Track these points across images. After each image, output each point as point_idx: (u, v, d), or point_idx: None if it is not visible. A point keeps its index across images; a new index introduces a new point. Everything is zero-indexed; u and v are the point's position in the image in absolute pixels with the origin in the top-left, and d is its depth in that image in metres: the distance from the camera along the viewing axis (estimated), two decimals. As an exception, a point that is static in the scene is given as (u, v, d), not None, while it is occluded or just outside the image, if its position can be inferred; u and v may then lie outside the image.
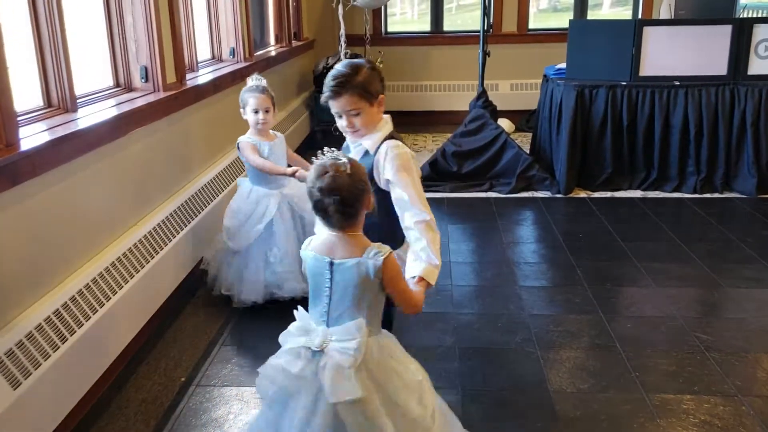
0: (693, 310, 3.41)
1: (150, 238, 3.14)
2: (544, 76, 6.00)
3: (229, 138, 4.48)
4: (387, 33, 8.30)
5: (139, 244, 3.04)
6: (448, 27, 8.52)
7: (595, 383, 2.77)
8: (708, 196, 5.17)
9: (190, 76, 4.11)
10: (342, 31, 5.86)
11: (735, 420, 2.51)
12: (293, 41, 7.01)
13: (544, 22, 8.94)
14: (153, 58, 3.47)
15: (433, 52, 8.14)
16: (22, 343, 2.19)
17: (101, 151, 2.83)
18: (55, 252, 2.51)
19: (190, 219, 3.57)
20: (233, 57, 5.09)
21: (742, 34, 5.18)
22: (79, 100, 2.94)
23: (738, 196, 5.16)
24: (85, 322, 2.51)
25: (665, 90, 5.21)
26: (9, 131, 2.24)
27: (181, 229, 3.44)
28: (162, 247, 3.22)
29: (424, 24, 8.56)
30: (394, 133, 2.29)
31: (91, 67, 3.32)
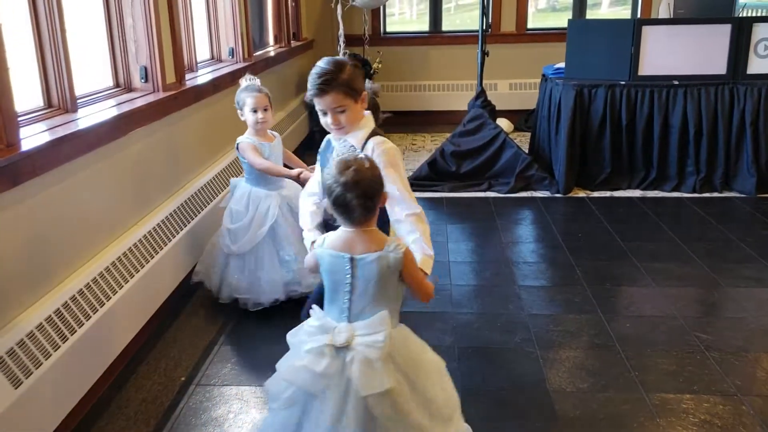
0: (692, 309, 3.42)
1: (150, 238, 3.14)
2: (543, 75, 6.00)
3: (229, 138, 4.47)
4: (386, 33, 8.30)
5: (139, 244, 3.05)
6: (447, 27, 8.52)
7: (595, 383, 2.77)
8: (707, 195, 5.18)
9: (189, 76, 4.11)
10: (341, 31, 5.87)
11: (735, 419, 2.52)
12: (292, 41, 7.01)
13: (543, 21, 8.94)
14: (152, 59, 3.47)
15: (432, 52, 8.14)
16: (23, 342, 2.20)
17: (101, 152, 2.84)
18: (56, 252, 2.52)
19: (189, 219, 3.57)
20: (232, 57, 5.09)
21: (742, 34, 5.18)
22: (79, 101, 2.94)
23: (737, 195, 5.16)
24: (85, 322, 2.51)
25: (664, 89, 5.22)
26: (10, 131, 2.25)
27: (181, 229, 3.45)
28: (162, 246, 3.22)
29: (423, 24, 8.56)
30: (377, 129, 2.33)
31: (91, 68, 3.32)
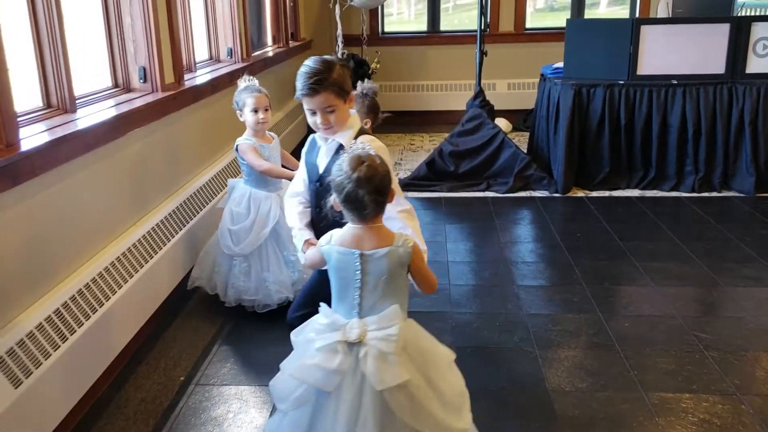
0: (691, 309, 3.42)
1: (149, 238, 3.14)
2: (542, 75, 6.00)
3: (227, 139, 4.48)
4: (384, 33, 8.31)
5: (138, 244, 3.05)
6: (445, 27, 8.52)
7: (594, 382, 2.77)
8: (706, 195, 5.18)
9: (188, 76, 4.11)
10: (339, 31, 5.87)
11: (734, 419, 2.52)
12: (290, 41, 7.01)
13: (541, 21, 8.96)
14: (151, 59, 3.47)
15: (430, 51, 8.14)
16: (23, 342, 2.20)
17: (100, 152, 2.84)
18: (56, 252, 2.52)
19: (188, 219, 3.57)
20: (231, 57, 5.09)
21: (740, 33, 5.19)
22: (78, 101, 2.94)
23: (736, 194, 5.17)
24: (85, 322, 2.51)
25: (663, 89, 5.22)
26: (9, 132, 2.25)
27: (180, 229, 3.45)
28: (161, 246, 3.22)
29: (421, 24, 8.56)
30: (364, 128, 2.35)
31: (90, 68, 3.32)
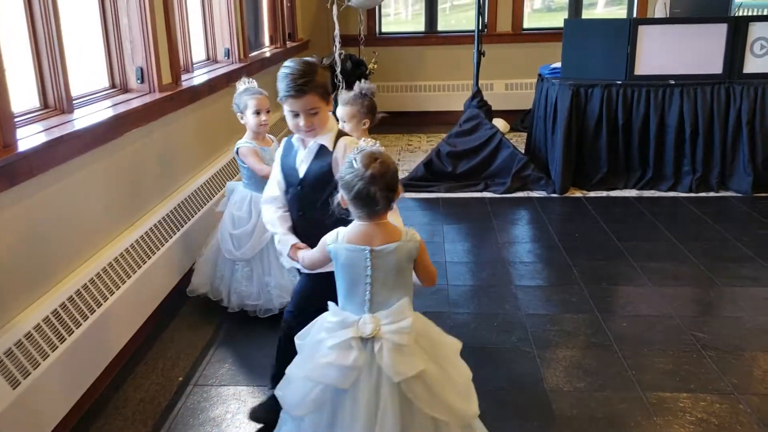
0: (689, 308, 3.42)
1: (147, 239, 3.14)
2: (539, 75, 6.00)
3: (225, 139, 4.48)
4: (381, 33, 8.31)
5: (136, 244, 3.04)
6: (442, 27, 8.52)
7: (592, 382, 2.77)
8: (704, 195, 5.19)
9: (185, 77, 4.10)
10: (336, 31, 5.86)
11: (732, 418, 2.52)
12: (288, 42, 7.01)
13: (539, 21, 8.95)
14: (148, 59, 3.47)
15: (428, 52, 8.14)
16: (21, 342, 2.19)
17: (98, 153, 2.83)
18: (54, 252, 2.51)
19: (186, 219, 3.57)
20: (228, 58, 5.09)
21: (738, 33, 5.20)
22: (75, 102, 2.94)
23: (734, 194, 5.17)
24: (83, 322, 2.51)
25: (660, 89, 5.23)
26: (6, 132, 2.25)
27: (178, 230, 3.44)
28: (159, 247, 3.21)
29: (418, 25, 8.56)
30: (341, 129, 2.37)
31: (87, 69, 3.31)
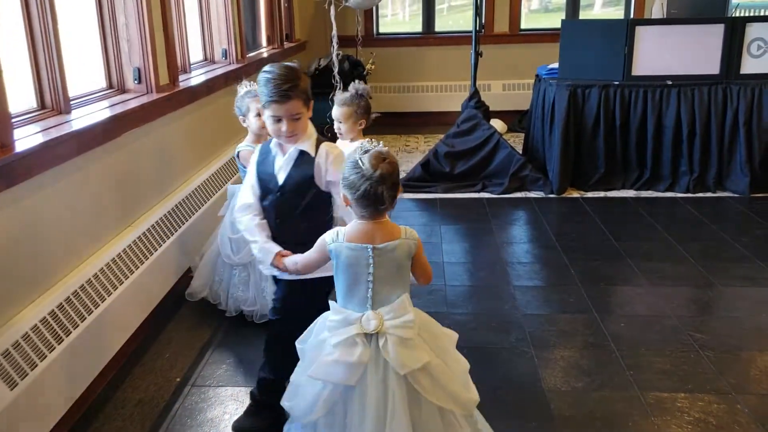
0: (687, 308, 3.43)
1: (144, 239, 3.14)
2: (537, 76, 6.01)
3: (222, 139, 4.48)
4: (379, 34, 8.31)
5: (134, 245, 3.04)
6: (440, 28, 8.52)
7: (590, 382, 2.77)
8: (701, 195, 5.19)
9: (182, 77, 4.10)
10: (334, 32, 5.85)
11: (729, 418, 2.53)
12: (285, 42, 7.01)
13: (536, 22, 8.96)
14: (146, 60, 3.47)
15: (425, 52, 8.14)
16: (19, 343, 2.19)
17: (95, 153, 2.83)
18: (51, 253, 2.51)
19: (184, 220, 3.57)
20: (225, 58, 5.08)
21: (735, 33, 5.20)
22: (72, 102, 2.93)
23: (731, 195, 5.18)
24: (80, 323, 2.50)
25: (658, 89, 5.23)
26: (3, 133, 2.25)
27: (176, 230, 3.44)
28: (156, 248, 3.21)
29: (416, 25, 8.56)
30: (320, 136, 2.40)
31: (84, 69, 3.31)
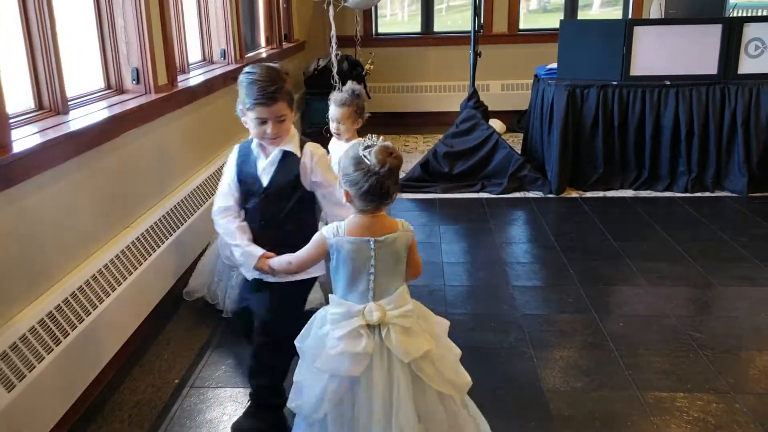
0: (685, 308, 3.43)
1: (143, 240, 3.13)
2: (535, 76, 6.00)
3: (221, 140, 4.47)
4: (378, 34, 8.31)
5: (132, 246, 3.03)
6: (439, 28, 8.52)
7: (589, 382, 2.77)
8: (699, 195, 5.20)
9: (181, 77, 4.09)
10: (333, 32, 5.85)
11: (728, 417, 2.53)
12: (284, 43, 7.00)
13: (535, 22, 8.96)
14: (144, 60, 3.46)
15: (424, 52, 8.15)
16: (16, 345, 2.18)
17: (94, 154, 2.82)
18: (49, 255, 2.50)
19: (183, 220, 3.56)
20: (224, 59, 5.08)
21: (733, 34, 5.21)
22: (70, 102, 2.93)
23: (729, 194, 5.18)
24: (78, 324, 2.49)
25: (656, 89, 5.24)
26: (1, 133, 2.24)
27: (175, 231, 3.43)
28: (155, 248, 3.20)
29: (415, 25, 8.56)
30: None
31: (82, 69, 3.30)
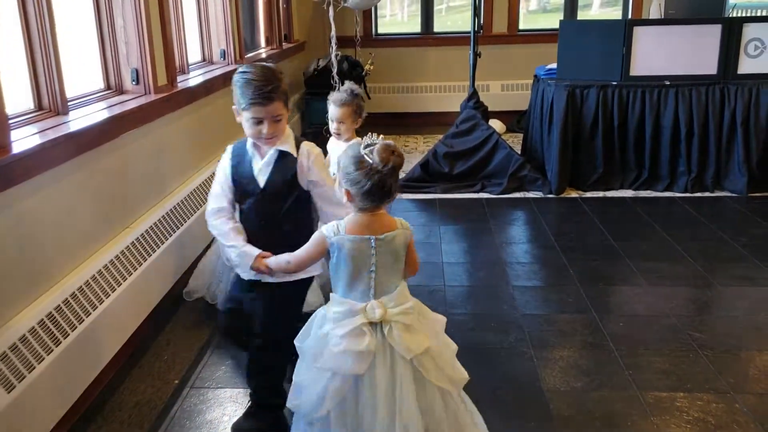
0: (685, 308, 3.42)
1: (143, 241, 3.13)
2: (535, 76, 6.00)
3: (221, 141, 4.45)
4: (377, 34, 8.31)
5: (132, 246, 3.03)
6: (438, 28, 8.52)
7: (589, 382, 2.77)
8: (699, 195, 5.20)
9: (181, 78, 4.10)
10: (333, 32, 5.85)
11: (728, 417, 2.53)
12: (284, 43, 7.01)
13: (534, 22, 8.96)
14: (144, 61, 3.46)
15: (424, 53, 8.15)
16: (16, 346, 2.18)
17: (93, 154, 2.82)
18: (49, 255, 2.50)
19: (183, 221, 3.56)
20: (224, 59, 5.08)
21: (732, 34, 5.21)
22: (70, 103, 2.93)
23: (729, 194, 5.18)
24: (78, 325, 2.49)
25: (656, 90, 5.24)
26: (1, 134, 2.24)
27: (174, 231, 3.43)
28: (155, 249, 3.20)
29: (414, 26, 8.56)
30: (298, 136, 2.41)
31: (82, 70, 3.30)
